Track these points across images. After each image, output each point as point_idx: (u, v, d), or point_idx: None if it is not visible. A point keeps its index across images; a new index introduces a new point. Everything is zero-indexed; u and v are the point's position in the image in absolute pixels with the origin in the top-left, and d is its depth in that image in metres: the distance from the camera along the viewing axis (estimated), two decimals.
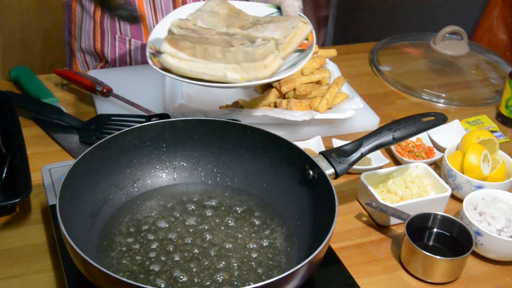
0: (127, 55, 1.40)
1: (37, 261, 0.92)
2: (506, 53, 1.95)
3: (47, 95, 1.25)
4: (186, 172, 1.02)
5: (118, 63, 1.41)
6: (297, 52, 1.08)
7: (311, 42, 1.08)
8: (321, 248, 0.78)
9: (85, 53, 1.43)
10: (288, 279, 0.75)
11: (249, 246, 0.90)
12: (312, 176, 0.92)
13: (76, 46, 1.43)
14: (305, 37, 1.08)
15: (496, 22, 1.97)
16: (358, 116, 1.26)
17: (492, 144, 1.14)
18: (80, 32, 1.40)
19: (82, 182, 0.89)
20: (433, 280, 0.93)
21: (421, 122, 1.00)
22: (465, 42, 1.53)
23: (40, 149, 1.14)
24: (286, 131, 1.19)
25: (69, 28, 1.43)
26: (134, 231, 0.91)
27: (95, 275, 0.75)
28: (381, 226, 1.04)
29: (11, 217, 0.99)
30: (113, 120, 1.17)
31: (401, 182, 1.07)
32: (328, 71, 1.27)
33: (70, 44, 1.46)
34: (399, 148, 1.19)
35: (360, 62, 1.57)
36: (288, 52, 1.06)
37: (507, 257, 0.97)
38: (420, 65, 1.58)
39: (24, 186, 0.96)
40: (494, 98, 1.44)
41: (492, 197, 1.03)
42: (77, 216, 0.86)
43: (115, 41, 1.38)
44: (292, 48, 1.06)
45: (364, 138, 0.97)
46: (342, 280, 0.90)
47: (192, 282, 0.83)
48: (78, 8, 1.37)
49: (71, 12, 1.40)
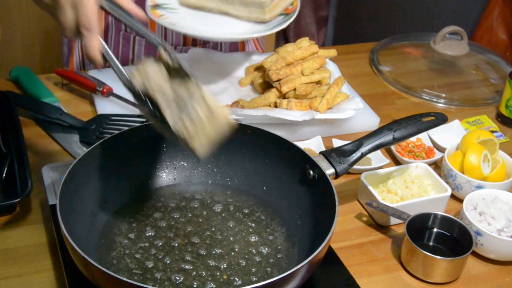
0: (130, 52, 1.40)
1: (37, 260, 0.92)
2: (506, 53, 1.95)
3: (47, 95, 1.25)
4: (186, 172, 1.02)
5: (120, 60, 1.41)
6: (282, 16, 1.24)
7: (295, 8, 1.25)
8: (321, 248, 0.78)
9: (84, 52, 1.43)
10: (288, 279, 0.75)
11: (249, 246, 0.90)
12: (312, 176, 0.92)
13: (75, 45, 1.43)
14: (290, 2, 1.26)
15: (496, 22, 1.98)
16: (358, 116, 1.26)
17: (492, 144, 1.14)
18: None
19: (82, 182, 0.89)
20: (433, 280, 0.93)
21: (421, 122, 1.00)
22: (465, 42, 1.53)
23: (40, 149, 1.14)
24: (286, 131, 1.19)
25: None
26: (134, 231, 0.91)
27: (95, 274, 0.75)
28: (381, 226, 1.04)
29: (11, 217, 0.99)
30: (113, 120, 1.17)
31: (401, 182, 1.07)
32: (328, 71, 1.27)
33: (70, 43, 1.45)
34: (399, 148, 1.19)
35: (360, 62, 1.57)
36: (274, 14, 1.23)
37: (507, 257, 0.97)
38: (420, 65, 1.58)
39: (24, 186, 0.96)
40: (494, 98, 1.44)
41: (492, 197, 1.03)
42: (77, 216, 0.86)
43: (119, 37, 1.38)
44: (278, 11, 1.24)
45: (364, 138, 0.97)
46: (342, 280, 0.90)
47: (192, 281, 0.83)
48: None
49: None
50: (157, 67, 0.84)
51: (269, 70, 1.24)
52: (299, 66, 1.26)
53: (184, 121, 0.81)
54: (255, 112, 1.16)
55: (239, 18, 1.26)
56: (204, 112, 0.81)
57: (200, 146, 0.82)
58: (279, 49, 1.31)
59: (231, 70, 1.35)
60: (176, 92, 0.82)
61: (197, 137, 0.81)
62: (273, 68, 1.24)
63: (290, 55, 1.27)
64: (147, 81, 0.82)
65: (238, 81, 1.33)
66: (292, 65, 1.26)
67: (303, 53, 1.28)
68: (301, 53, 1.28)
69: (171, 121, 0.81)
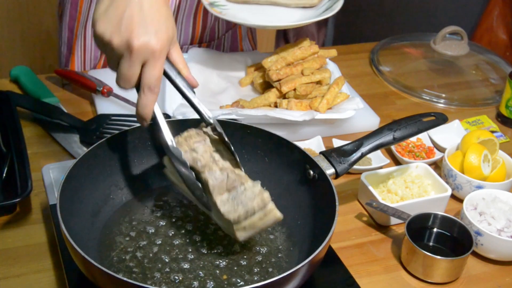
0: None
1: (38, 260, 0.92)
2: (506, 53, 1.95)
3: (47, 95, 1.25)
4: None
5: None
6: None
7: None
8: (322, 248, 0.78)
9: (86, 51, 1.42)
10: (288, 279, 0.75)
11: (249, 246, 0.90)
12: (312, 176, 0.92)
13: (76, 44, 1.43)
14: None
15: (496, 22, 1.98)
16: (358, 116, 1.26)
17: (492, 144, 1.14)
18: (84, 29, 1.39)
19: (82, 182, 0.89)
20: (433, 280, 0.93)
21: (421, 122, 1.00)
22: (465, 42, 1.53)
23: (40, 149, 1.14)
24: (286, 131, 1.19)
25: (70, 26, 1.42)
26: (134, 230, 0.91)
27: (96, 274, 0.75)
28: (381, 226, 1.04)
29: (11, 216, 0.99)
30: (113, 120, 1.17)
31: (401, 182, 1.07)
32: (329, 71, 1.27)
33: (70, 43, 1.45)
34: (399, 148, 1.19)
35: (360, 62, 1.57)
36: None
37: (507, 257, 0.97)
38: (420, 65, 1.58)
39: (24, 186, 0.96)
40: (494, 98, 1.44)
41: (492, 197, 1.03)
42: (78, 216, 0.86)
43: None
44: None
45: (364, 138, 0.97)
46: (342, 280, 0.90)
47: (192, 281, 0.83)
48: (84, 5, 1.37)
49: (75, 9, 1.39)
50: (203, 141, 0.85)
51: (269, 70, 1.24)
52: (299, 66, 1.26)
53: (235, 205, 0.82)
54: (255, 112, 1.16)
55: (287, 6, 1.27)
56: (258, 203, 0.83)
57: (243, 231, 0.84)
58: (279, 49, 1.31)
59: (231, 70, 1.35)
60: (224, 172, 0.84)
61: (243, 222, 0.83)
62: (273, 68, 1.24)
63: (290, 55, 1.27)
64: (195, 154, 0.84)
65: (238, 81, 1.33)
66: (292, 65, 1.26)
67: (303, 53, 1.28)
68: (301, 53, 1.28)
69: (220, 202, 0.82)
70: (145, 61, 0.76)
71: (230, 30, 1.46)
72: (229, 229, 0.84)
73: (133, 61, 0.76)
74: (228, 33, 1.46)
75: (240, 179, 0.84)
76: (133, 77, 0.77)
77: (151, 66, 0.76)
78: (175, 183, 0.91)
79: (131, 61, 0.76)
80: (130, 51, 0.75)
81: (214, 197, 0.82)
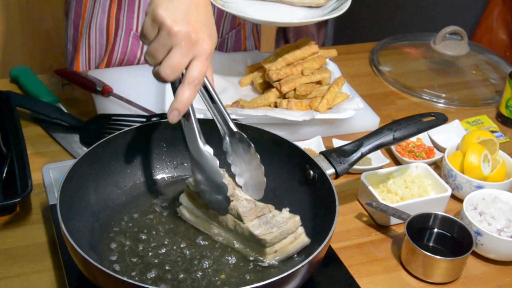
0: (138, 51, 1.40)
1: (38, 260, 0.92)
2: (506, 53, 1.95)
3: (47, 95, 1.25)
4: (186, 171, 1.02)
5: (127, 58, 1.40)
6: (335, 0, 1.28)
7: None
8: (322, 248, 0.78)
9: (91, 50, 1.42)
10: (288, 279, 0.75)
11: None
12: (312, 176, 0.92)
13: (82, 42, 1.42)
14: None
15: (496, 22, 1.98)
16: (358, 116, 1.26)
17: (492, 144, 1.14)
18: (89, 28, 1.39)
19: (82, 182, 0.89)
20: (433, 280, 0.93)
21: (421, 122, 1.00)
22: (465, 42, 1.54)
23: (40, 149, 1.14)
24: (286, 131, 1.19)
25: (76, 24, 1.42)
26: (134, 230, 0.91)
27: (96, 274, 0.75)
28: (381, 226, 1.04)
29: (11, 216, 0.99)
30: (113, 120, 1.17)
31: (401, 182, 1.07)
32: (329, 71, 1.27)
33: (75, 40, 1.45)
34: (399, 148, 1.19)
35: (360, 62, 1.57)
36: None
37: (507, 257, 0.97)
38: (420, 65, 1.58)
39: (24, 186, 0.96)
40: (494, 98, 1.44)
41: (492, 197, 1.03)
42: (78, 216, 0.86)
43: (129, 36, 1.37)
44: None
45: (364, 138, 0.97)
46: (343, 280, 0.90)
47: (191, 281, 0.83)
48: (89, 3, 1.37)
49: (80, 7, 1.39)
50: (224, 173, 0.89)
51: (269, 70, 1.24)
52: (299, 66, 1.26)
53: (269, 228, 0.85)
54: (255, 112, 1.16)
55: (293, 4, 1.28)
56: (290, 226, 0.86)
57: (274, 255, 0.86)
58: (279, 49, 1.31)
59: (231, 70, 1.35)
60: (250, 202, 0.89)
61: (276, 246, 0.85)
62: (273, 68, 1.24)
63: (290, 55, 1.27)
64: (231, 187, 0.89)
65: (238, 81, 1.33)
66: (292, 65, 1.26)
67: (303, 53, 1.28)
68: (301, 53, 1.28)
69: (252, 226, 0.86)
70: (196, 57, 0.79)
71: (234, 29, 1.46)
72: (256, 253, 0.87)
73: (188, 53, 0.78)
74: (232, 32, 1.46)
75: (267, 207, 0.88)
76: (182, 67, 0.79)
77: (201, 62, 0.79)
78: (190, 220, 0.92)
79: (186, 52, 0.78)
80: (189, 43, 0.77)
81: (245, 223, 0.86)
